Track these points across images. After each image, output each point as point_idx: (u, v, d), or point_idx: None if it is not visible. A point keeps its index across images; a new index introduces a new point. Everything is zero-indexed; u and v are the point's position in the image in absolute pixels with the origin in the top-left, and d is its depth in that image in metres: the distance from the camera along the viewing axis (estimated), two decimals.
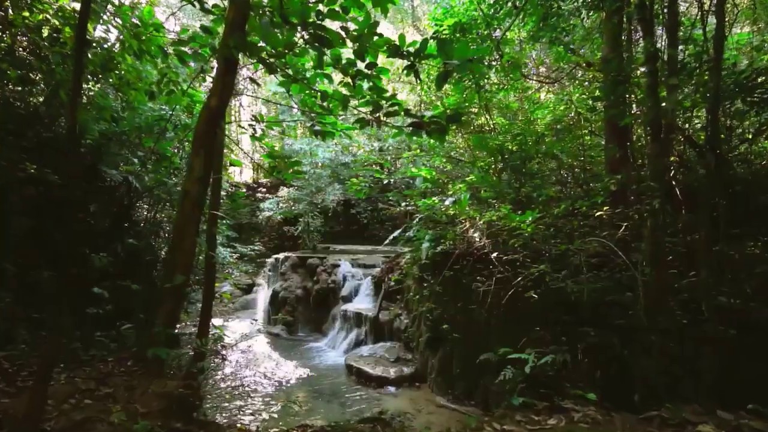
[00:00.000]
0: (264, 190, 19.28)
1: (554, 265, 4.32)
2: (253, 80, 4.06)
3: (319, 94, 5.31)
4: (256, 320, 10.56)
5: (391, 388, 6.82)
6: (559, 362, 4.95)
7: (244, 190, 20.02)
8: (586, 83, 8.08)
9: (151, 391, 2.30)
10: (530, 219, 4.63)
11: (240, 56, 4.76)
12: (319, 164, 12.87)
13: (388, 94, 4.59)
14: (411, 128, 4.15)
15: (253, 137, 5.30)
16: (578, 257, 3.96)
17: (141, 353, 2.51)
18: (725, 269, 4.19)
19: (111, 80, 3.84)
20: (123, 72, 3.80)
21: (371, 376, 7.04)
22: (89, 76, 3.76)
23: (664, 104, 3.17)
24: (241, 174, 24.77)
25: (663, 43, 5.91)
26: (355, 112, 4.72)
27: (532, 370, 4.87)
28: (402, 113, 4.10)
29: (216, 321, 11.75)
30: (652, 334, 3.32)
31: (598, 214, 3.95)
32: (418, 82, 4.17)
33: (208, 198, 3.68)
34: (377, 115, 4.37)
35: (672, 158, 6.25)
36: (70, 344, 3.30)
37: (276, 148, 5.93)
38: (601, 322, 4.24)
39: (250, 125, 5.03)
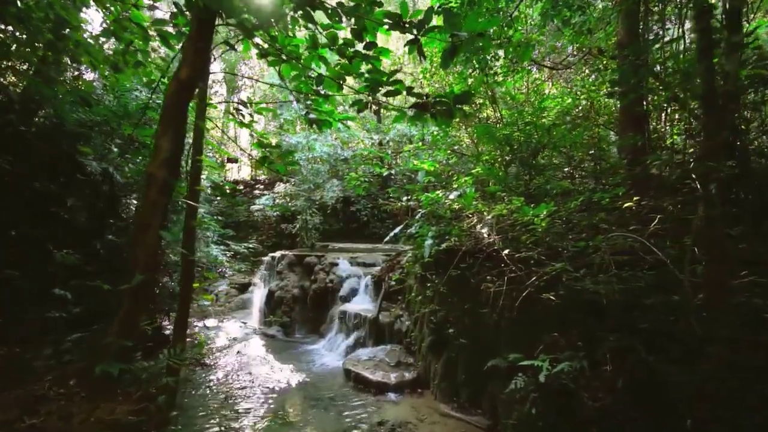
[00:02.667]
0: (262, 186, 18.89)
1: (573, 263, 3.89)
2: (228, 43, 3.61)
3: (314, 79, 4.91)
4: (245, 323, 10.11)
5: (392, 395, 6.40)
6: (576, 370, 4.54)
7: (242, 186, 19.65)
8: (597, 72, 7.65)
9: (93, 420, 1.88)
10: (545, 213, 4.20)
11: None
12: (317, 159, 12.43)
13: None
14: (414, 110, 3.73)
15: (241, 124, 4.88)
16: (602, 255, 3.53)
17: (89, 369, 2.11)
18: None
19: (67, 50, 3.37)
20: (75, 37, 3.31)
21: (371, 381, 6.62)
22: (38, 44, 3.29)
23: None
24: (240, 171, 24.41)
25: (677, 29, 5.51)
26: (353, 96, 4.30)
27: (547, 378, 4.46)
28: (404, 92, 3.66)
29: (210, 322, 11.37)
30: (707, 342, 2.88)
31: (627, 205, 3.52)
32: (422, 60, 3.73)
33: (185, 185, 3.24)
34: (377, 95, 3.94)
35: (691, 150, 5.86)
36: (25, 354, 2.89)
37: (273, 143, 5.50)
38: (630, 327, 3.80)
39: (236, 110, 4.61)
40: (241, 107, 4.49)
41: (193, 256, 3.29)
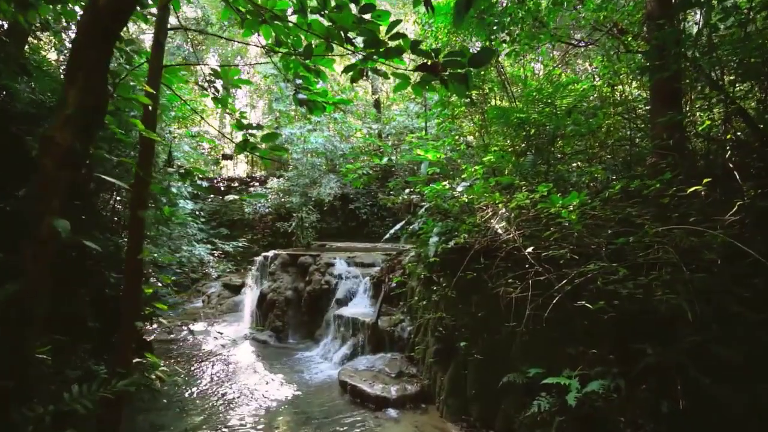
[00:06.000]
0: (257, 184, 18.20)
1: (614, 262, 3.19)
2: None
3: (302, 53, 4.21)
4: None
5: (392, 411, 5.70)
6: (610, 389, 3.84)
7: (236, 184, 18.96)
8: (616, 52, 6.94)
9: None
10: (576, 202, 3.49)
11: None
12: (313, 152, 11.67)
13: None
14: (420, 74, 3.02)
15: (216, 100, 4.18)
16: (655, 251, 2.83)
17: None
18: None
19: None
20: None
21: (369, 395, 5.92)
22: None
23: None
24: (236, 168, 23.74)
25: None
26: (345, 60, 3.60)
27: (577, 400, 3.75)
28: (408, 50, 2.95)
29: (199, 326, 10.66)
30: None
31: (692, 189, 2.80)
32: (429, 10, 3.02)
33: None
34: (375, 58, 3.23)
35: (729, 136, 5.19)
36: None
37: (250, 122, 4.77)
38: (676, 339, 3.10)
39: (208, 81, 3.91)
40: (213, 77, 3.78)
41: (142, 255, 2.61)
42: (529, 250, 3.61)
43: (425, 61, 2.93)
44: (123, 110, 3.59)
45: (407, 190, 6.68)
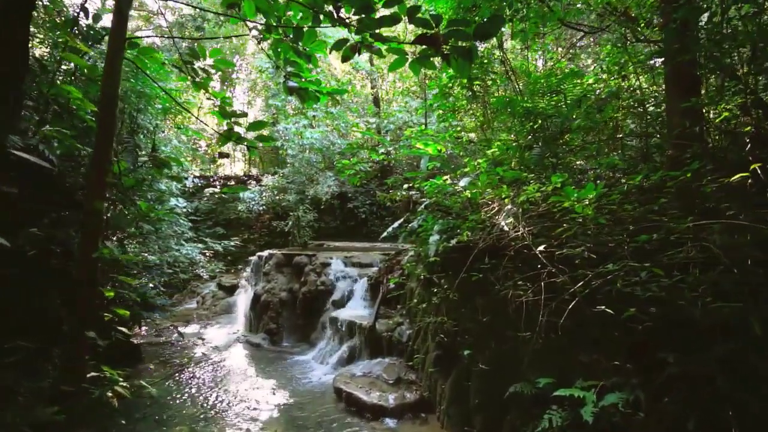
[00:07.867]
0: (254, 182, 17.86)
1: (638, 262, 2.83)
2: None
3: (291, 35, 3.86)
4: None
5: (390, 421, 5.35)
6: (629, 402, 3.48)
7: (233, 182, 18.61)
8: (624, 42, 6.58)
9: None
10: (592, 196, 3.14)
11: None
12: (308, 149, 11.28)
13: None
14: (419, 48, 2.67)
15: (195, 84, 3.83)
16: (687, 250, 2.48)
17: None
18: None
19: None
20: None
21: (365, 404, 5.56)
22: None
23: None
24: (233, 166, 23.41)
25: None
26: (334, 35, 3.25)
27: (594, 415, 3.39)
28: (404, 16, 2.58)
29: (191, 328, 10.32)
30: None
31: (737, 177, 2.45)
32: None
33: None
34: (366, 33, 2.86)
35: (747, 128, 4.86)
36: None
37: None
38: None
39: (186, 63, 3.55)
40: (190, 57, 3.43)
41: (98, 253, 2.27)
42: (541, 248, 3.25)
43: (424, 32, 2.58)
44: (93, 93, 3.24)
45: (406, 186, 6.32)
